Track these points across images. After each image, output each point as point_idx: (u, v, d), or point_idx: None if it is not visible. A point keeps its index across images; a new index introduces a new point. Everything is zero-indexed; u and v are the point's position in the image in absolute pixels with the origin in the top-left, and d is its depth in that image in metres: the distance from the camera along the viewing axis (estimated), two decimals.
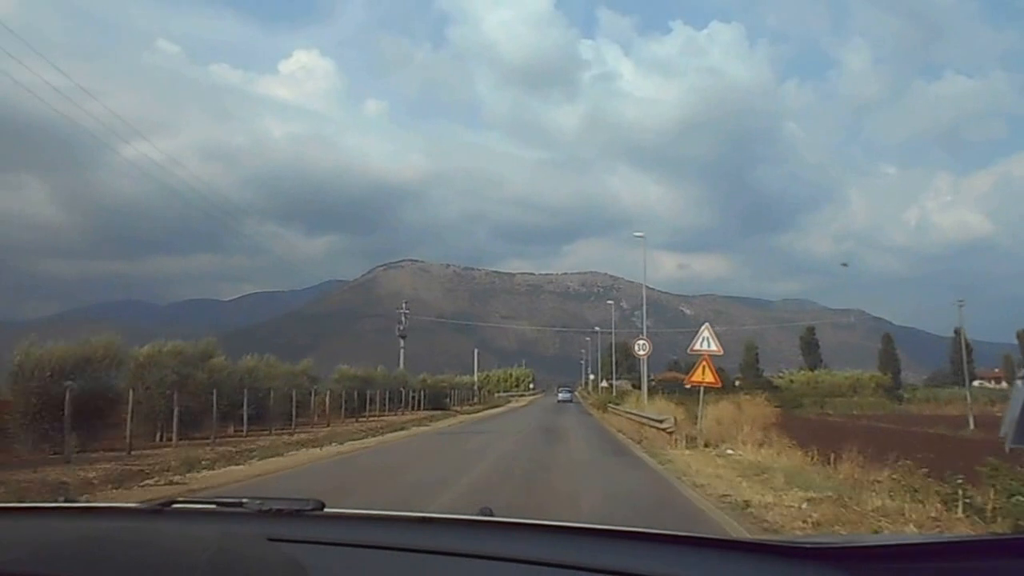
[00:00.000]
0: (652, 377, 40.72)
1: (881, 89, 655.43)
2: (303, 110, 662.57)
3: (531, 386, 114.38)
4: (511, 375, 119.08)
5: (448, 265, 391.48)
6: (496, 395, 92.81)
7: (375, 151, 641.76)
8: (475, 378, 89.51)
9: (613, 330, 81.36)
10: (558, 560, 1.37)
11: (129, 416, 17.93)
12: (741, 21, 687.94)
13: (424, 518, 1.69)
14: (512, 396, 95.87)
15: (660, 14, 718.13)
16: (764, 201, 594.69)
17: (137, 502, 1.87)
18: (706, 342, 32.80)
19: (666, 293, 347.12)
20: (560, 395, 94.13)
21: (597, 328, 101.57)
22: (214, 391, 21.63)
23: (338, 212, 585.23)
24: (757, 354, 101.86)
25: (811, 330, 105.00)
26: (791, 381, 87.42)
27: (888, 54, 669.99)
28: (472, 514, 1.78)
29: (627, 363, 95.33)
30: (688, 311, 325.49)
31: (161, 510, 1.71)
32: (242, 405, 24.21)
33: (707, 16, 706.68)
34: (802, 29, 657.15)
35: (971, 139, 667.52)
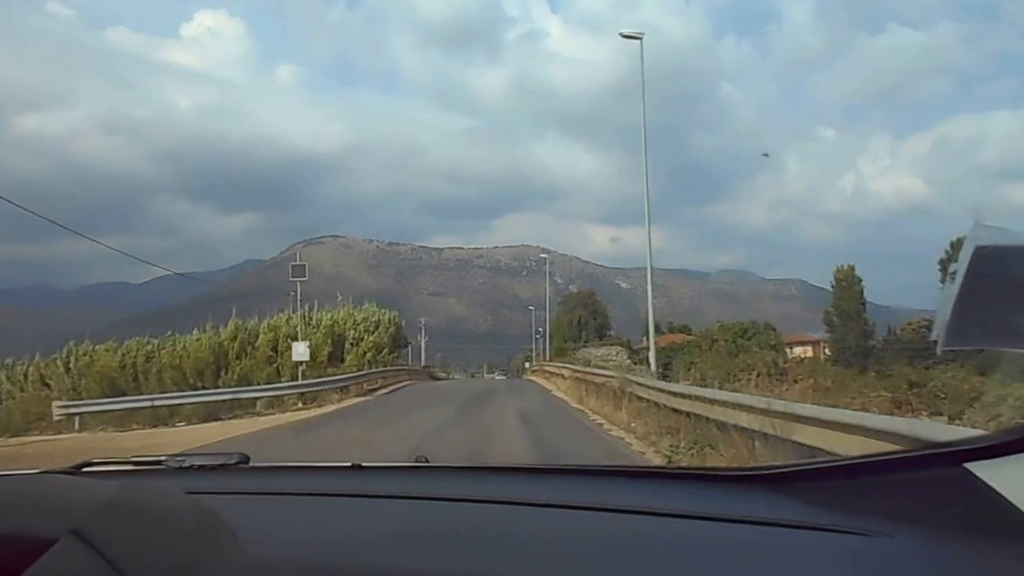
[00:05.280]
0: (641, 343, 32.62)
1: (821, 43, 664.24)
2: (211, 77, 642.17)
3: (369, 358, 36.72)
4: (320, 324, 38.15)
5: (371, 240, 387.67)
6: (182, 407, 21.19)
7: (291, 122, 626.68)
8: None
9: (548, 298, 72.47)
10: (493, 497, 1.41)
11: None
12: None
13: (353, 465, 1.71)
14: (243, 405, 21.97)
15: None
16: (699, 169, 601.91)
17: (52, 467, 1.77)
18: None
19: (601, 266, 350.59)
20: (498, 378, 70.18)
21: (531, 307, 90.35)
22: None
23: (254, 188, 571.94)
24: (862, 291, 57.29)
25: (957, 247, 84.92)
26: None
27: (831, 4, 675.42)
28: (406, 462, 1.84)
29: (595, 323, 72.28)
30: (625, 284, 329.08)
31: (75, 472, 1.66)
32: None
33: None
34: None
35: (913, 97, 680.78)
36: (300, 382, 25.54)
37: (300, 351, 27.79)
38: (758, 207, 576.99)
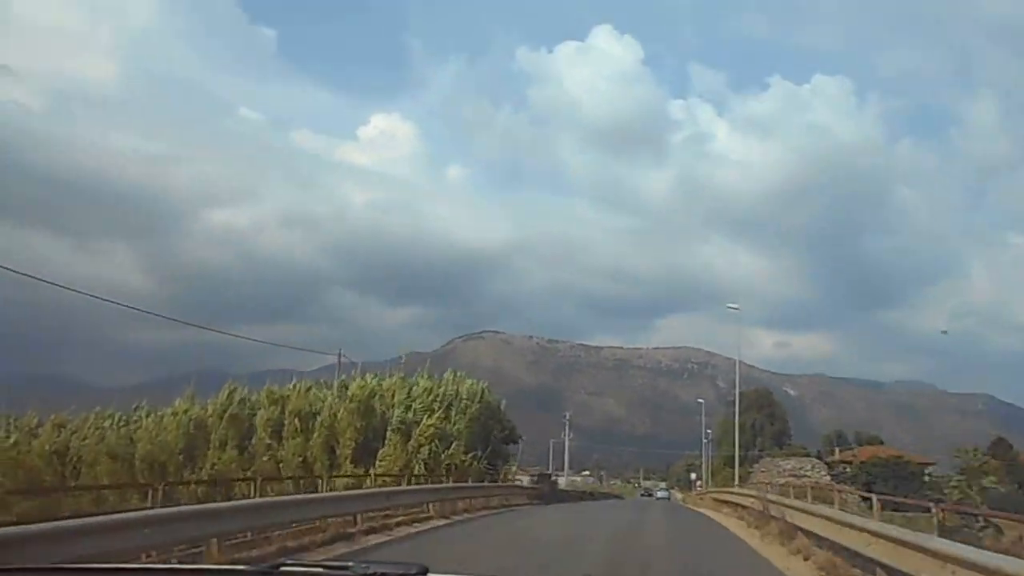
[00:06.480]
0: (834, 455, 29.02)
1: (1010, 148, 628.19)
2: (384, 176, 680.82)
3: (426, 458, 26.46)
4: (352, 397, 26.84)
5: (531, 337, 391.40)
6: None
7: (456, 218, 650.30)
8: None
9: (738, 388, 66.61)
10: None
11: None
12: (848, 73, 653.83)
13: None
14: None
15: (757, 68, 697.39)
16: (873, 274, 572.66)
17: (246, 565, 1.94)
18: None
19: (767, 372, 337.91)
20: (658, 493, 61.43)
21: (701, 400, 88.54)
22: None
23: (419, 282, 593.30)
24: None
25: None
26: None
27: (1019, 107, 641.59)
28: None
29: (772, 429, 63.59)
30: (792, 391, 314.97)
31: (272, 572, 1.77)
32: None
33: (809, 69, 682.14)
34: (919, 81, 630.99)
35: None
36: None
37: None
38: (938, 315, 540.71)
